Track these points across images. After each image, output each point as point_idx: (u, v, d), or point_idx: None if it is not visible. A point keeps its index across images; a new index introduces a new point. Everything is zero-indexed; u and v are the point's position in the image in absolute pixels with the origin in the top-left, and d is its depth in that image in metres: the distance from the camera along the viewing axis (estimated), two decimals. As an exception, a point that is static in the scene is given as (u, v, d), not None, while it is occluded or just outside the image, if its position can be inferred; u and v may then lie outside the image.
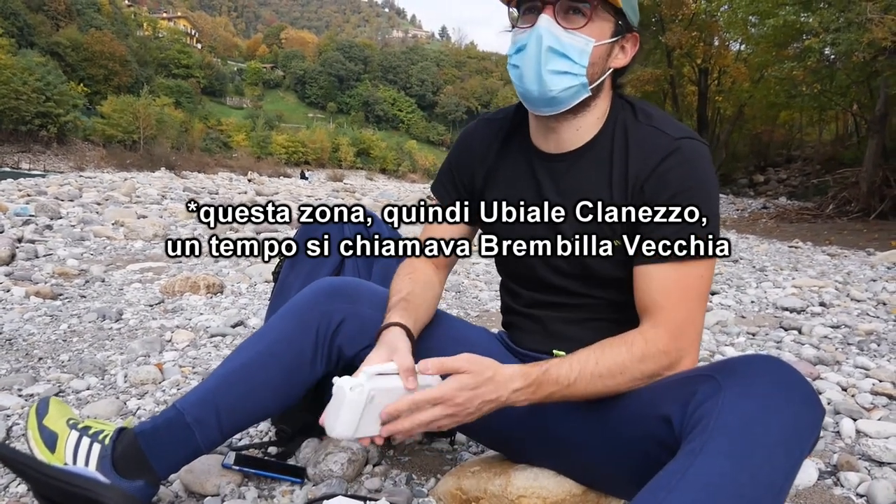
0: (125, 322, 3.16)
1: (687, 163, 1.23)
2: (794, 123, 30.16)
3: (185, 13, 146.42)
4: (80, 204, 9.67)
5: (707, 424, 0.98)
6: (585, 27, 1.21)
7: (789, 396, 1.00)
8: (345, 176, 61.54)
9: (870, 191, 13.33)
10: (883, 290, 4.70)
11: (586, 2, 1.20)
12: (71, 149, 54.28)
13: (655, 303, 1.23)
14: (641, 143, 1.27)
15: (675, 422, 1.06)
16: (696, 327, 1.24)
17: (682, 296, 1.22)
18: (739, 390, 1.00)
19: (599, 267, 1.32)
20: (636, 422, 1.17)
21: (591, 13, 1.21)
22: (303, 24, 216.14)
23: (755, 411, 0.97)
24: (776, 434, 0.95)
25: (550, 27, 1.20)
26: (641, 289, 1.25)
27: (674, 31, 23.17)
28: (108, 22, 78.78)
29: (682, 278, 1.22)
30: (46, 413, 1.40)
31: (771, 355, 1.09)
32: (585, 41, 1.22)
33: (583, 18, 1.21)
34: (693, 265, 1.22)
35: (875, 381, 2.44)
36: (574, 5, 1.21)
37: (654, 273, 1.23)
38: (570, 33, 1.21)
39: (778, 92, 18.87)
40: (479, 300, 4.11)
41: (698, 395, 1.04)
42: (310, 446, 1.71)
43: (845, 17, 11.41)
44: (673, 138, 1.24)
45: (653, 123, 1.29)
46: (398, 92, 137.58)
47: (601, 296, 1.37)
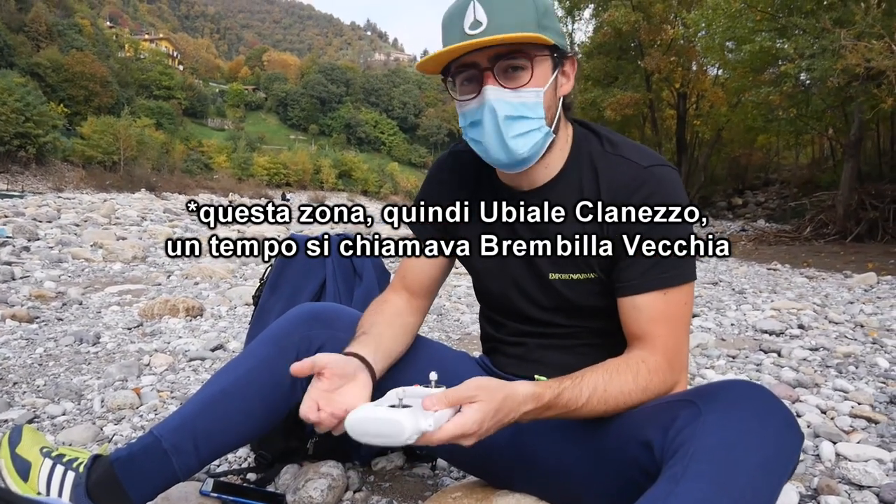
0: (103, 345, 3.12)
1: (661, 191, 1.23)
2: (772, 147, 30.66)
3: (167, 35, 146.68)
4: (58, 225, 9.59)
5: (688, 450, 0.98)
6: (531, 80, 1.19)
7: (769, 421, 1.00)
8: (326, 198, 61.58)
9: (846, 214, 13.53)
10: (860, 312, 4.75)
11: (523, 56, 1.18)
12: (50, 169, 53.79)
13: (647, 333, 1.24)
14: (610, 174, 1.27)
15: (656, 447, 1.06)
16: (686, 354, 1.27)
17: (672, 324, 1.24)
18: (720, 415, 1.00)
19: (577, 298, 1.32)
20: (617, 446, 1.17)
21: (531, 64, 1.19)
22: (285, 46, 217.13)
23: (735, 436, 0.97)
24: (757, 459, 0.95)
25: (501, 96, 1.18)
26: (631, 319, 1.26)
27: (652, 56, 23.50)
28: (89, 43, 78.48)
29: (669, 306, 1.23)
30: (19, 441, 1.37)
31: (750, 381, 1.10)
32: (535, 93, 1.20)
33: (525, 73, 1.19)
34: (676, 292, 1.23)
35: (854, 403, 2.45)
36: (512, 63, 1.19)
37: (642, 303, 1.24)
38: (518, 93, 1.19)
39: (755, 116, 19.18)
40: (460, 323, 4.10)
41: (679, 420, 1.04)
42: (289, 472, 1.69)
43: (819, 43, 11.64)
44: (642, 167, 1.24)
45: (620, 152, 1.28)
46: (380, 114, 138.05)
47: (581, 325, 1.37)
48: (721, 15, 15.00)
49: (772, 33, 13.92)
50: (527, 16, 1.16)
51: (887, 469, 1.85)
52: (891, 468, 1.85)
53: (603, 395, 1.16)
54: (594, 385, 1.17)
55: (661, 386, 1.21)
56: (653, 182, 1.23)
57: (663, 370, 1.21)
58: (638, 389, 1.19)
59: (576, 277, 1.31)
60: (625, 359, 1.23)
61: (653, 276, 1.22)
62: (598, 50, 26.03)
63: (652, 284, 1.22)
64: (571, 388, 1.15)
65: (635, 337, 1.26)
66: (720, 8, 14.84)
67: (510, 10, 1.15)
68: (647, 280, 1.23)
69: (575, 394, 1.15)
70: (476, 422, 1.03)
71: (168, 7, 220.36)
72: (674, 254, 1.22)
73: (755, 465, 0.95)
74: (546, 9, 1.20)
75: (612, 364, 1.21)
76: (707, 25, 16.44)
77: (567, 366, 1.24)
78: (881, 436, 2.13)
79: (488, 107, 1.19)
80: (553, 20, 1.21)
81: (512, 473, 1.41)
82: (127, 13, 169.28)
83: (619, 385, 1.18)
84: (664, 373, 1.21)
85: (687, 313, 1.26)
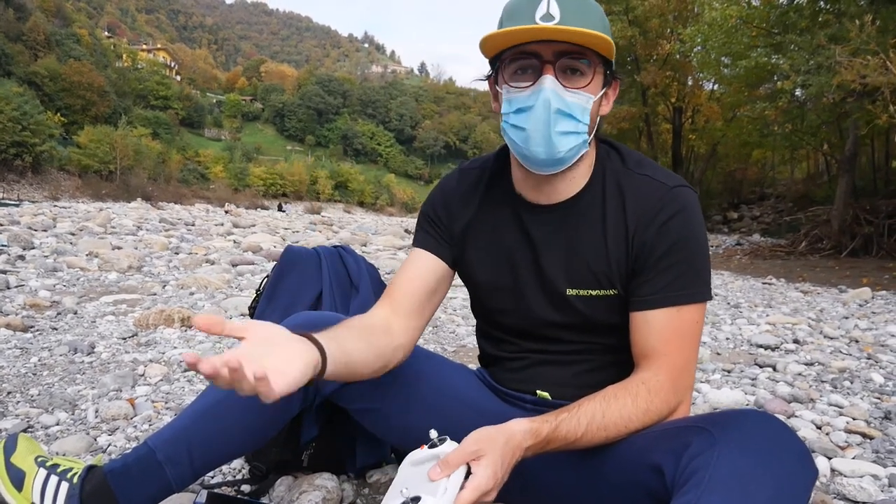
0: (97, 355, 3.11)
1: (684, 211, 1.25)
2: (767, 162, 30.83)
3: (165, 45, 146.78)
4: (53, 234, 9.57)
5: (702, 478, 0.96)
6: (589, 84, 1.21)
7: (784, 455, 0.98)
8: (322, 208, 61.61)
9: (841, 228, 13.59)
10: (855, 327, 4.76)
11: (585, 59, 1.19)
12: (46, 178, 53.69)
13: (655, 349, 1.23)
14: (636, 192, 1.28)
15: (668, 472, 1.05)
16: (692, 373, 1.26)
17: (681, 342, 1.23)
18: (735, 445, 0.99)
19: (594, 314, 1.32)
20: (626, 469, 1.16)
21: (593, 69, 1.20)
22: (283, 57, 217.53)
23: (751, 468, 0.96)
24: (771, 493, 0.94)
25: (556, 89, 1.18)
26: (640, 334, 1.26)
27: (649, 71, 23.68)
28: (87, 53, 78.51)
29: (680, 324, 1.23)
30: (14, 450, 1.37)
31: (765, 412, 1.09)
32: (587, 98, 1.21)
33: (583, 78, 1.20)
34: (689, 310, 1.23)
35: (849, 418, 2.45)
36: (574, 65, 1.20)
37: (653, 319, 1.24)
38: (573, 93, 1.19)
39: (750, 131, 19.32)
40: (456, 335, 4.10)
41: (692, 447, 1.03)
42: (284, 484, 1.68)
43: (815, 60, 11.71)
44: (669, 187, 1.26)
45: (645, 172, 1.30)
46: (377, 126, 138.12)
47: (591, 341, 1.36)
48: (717, 31, 15.12)
49: (767, 49, 14.01)
50: (597, 23, 1.18)
51: (882, 485, 1.85)
52: (886, 484, 1.85)
53: (602, 422, 1.16)
54: (592, 414, 1.16)
55: (662, 406, 1.20)
56: (678, 202, 1.25)
57: (665, 390, 1.20)
58: (639, 412, 1.18)
59: (594, 294, 1.31)
60: (623, 384, 1.22)
61: (669, 292, 1.23)
62: (595, 64, 26.12)
63: (667, 301, 1.23)
64: (568, 419, 1.15)
65: (643, 354, 1.25)
66: (716, 24, 14.95)
67: (583, 13, 1.17)
68: (662, 296, 1.23)
69: (573, 425, 1.15)
70: (490, 477, 1.04)
71: (166, 18, 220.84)
72: (691, 272, 1.23)
73: (768, 500, 0.94)
74: (607, 25, 1.22)
75: (610, 390, 1.21)
76: (703, 41, 16.54)
77: (569, 383, 1.24)
78: (876, 451, 2.13)
79: (543, 96, 1.18)
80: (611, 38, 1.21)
81: (517, 494, 1.40)
82: (125, 23, 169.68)
83: (618, 410, 1.17)
84: (666, 392, 1.21)
85: (697, 333, 1.26)
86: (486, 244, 1.41)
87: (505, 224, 1.39)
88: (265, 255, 8.29)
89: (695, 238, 1.24)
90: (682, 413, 1.24)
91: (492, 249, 1.40)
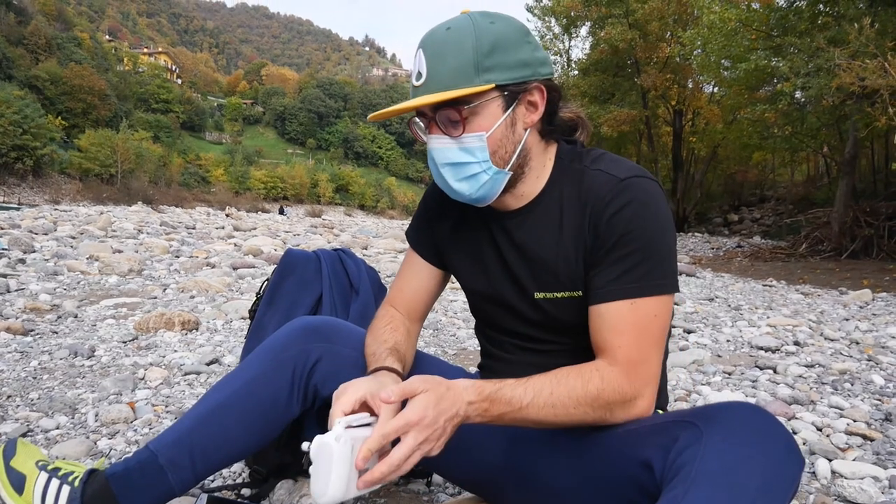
0: (97, 359, 3.11)
1: (635, 202, 1.21)
2: (767, 164, 30.84)
3: (166, 49, 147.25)
4: (54, 238, 9.57)
5: (689, 472, 0.97)
6: (470, 126, 1.21)
7: (770, 446, 0.99)
8: (323, 212, 61.59)
9: (841, 231, 13.57)
10: (856, 329, 4.76)
11: (455, 110, 1.19)
12: (47, 182, 53.82)
13: (608, 341, 1.22)
14: (590, 189, 1.27)
15: (657, 467, 1.06)
16: (652, 368, 1.22)
17: (637, 336, 1.21)
18: (721, 438, 0.99)
19: (563, 316, 1.32)
20: (616, 465, 1.17)
21: (468, 112, 1.20)
22: (284, 61, 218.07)
23: (737, 460, 0.97)
24: (758, 483, 0.95)
25: (439, 144, 1.24)
26: (595, 327, 1.24)
27: (649, 74, 23.68)
28: (88, 56, 78.71)
29: (635, 317, 1.20)
30: (14, 454, 1.37)
31: (752, 403, 1.09)
32: (477, 138, 1.21)
33: (465, 123, 1.21)
34: (645, 303, 1.21)
35: (849, 420, 2.45)
36: (451, 115, 1.20)
37: (606, 312, 1.22)
38: (458, 140, 1.22)
39: (751, 133, 19.33)
40: (456, 338, 4.10)
41: (680, 441, 1.04)
42: (284, 488, 1.68)
43: (814, 62, 11.72)
44: (619, 179, 1.23)
45: (600, 167, 1.28)
46: (378, 129, 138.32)
47: (567, 342, 1.36)
48: (717, 33, 15.11)
49: (767, 52, 14.00)
50: (463, 63, 1.17)
51: (883, 486, 1.85)
52: (886, 486, 1.85)
53: (549, 399, 1.16)
54: (540, 387, 1.17)
55: (614, 396, 1.18)
56: (628, 193, 1.22)
57: (618, 381, 1.19)
58: (588, 396, 1.17)
59: (560, 296, 1.31)
60: (578, 367, 1.22)
61: (620, 285, 1.21)
62: (595, 67, 26.18)
63: (619, 293, 1.21)
64: (514, 385, 1.17)
65: (599, 348, 1.24)
66: (716, 27, 14.95)
67: (445, 61, 1.18)
68: (613, 289, 1.21)
69: (518, 392, 1.15)
70: (417, 411, 1.07)
71: (167, 21, 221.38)
72: (646, 265, 1.20)
73: (756, 490, 0.94)
74: (492, 46, 1.18)
75: (563, 370, 1.21)
76: (703, 44, 16.54)
77: None
78: (877, 453, 2.13)
79: (431, 155, 1.27)
80: (503, 54, 1.19)
81: (508, 489, 1.40)
82: (126, 27, 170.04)
83: (567, 390, 1.17)
84: (619, 383, 1.19)
85: (657, 326, 1.22)
86: (466, 253, 1.45)
87: (478, 232, 1.42)
88: (266, 259, 8.29)
89: (648, 229, 1.21)
90: (644, 408, 1.22)
91: (470, 257, 1.44)
